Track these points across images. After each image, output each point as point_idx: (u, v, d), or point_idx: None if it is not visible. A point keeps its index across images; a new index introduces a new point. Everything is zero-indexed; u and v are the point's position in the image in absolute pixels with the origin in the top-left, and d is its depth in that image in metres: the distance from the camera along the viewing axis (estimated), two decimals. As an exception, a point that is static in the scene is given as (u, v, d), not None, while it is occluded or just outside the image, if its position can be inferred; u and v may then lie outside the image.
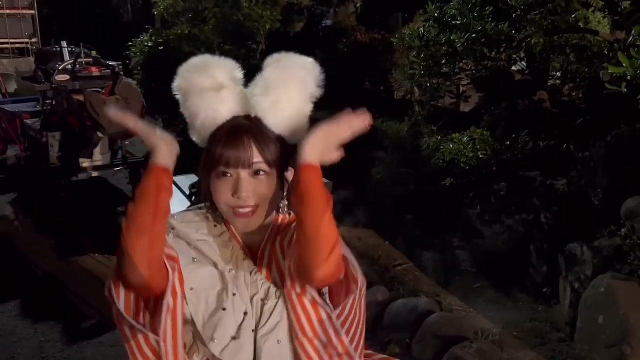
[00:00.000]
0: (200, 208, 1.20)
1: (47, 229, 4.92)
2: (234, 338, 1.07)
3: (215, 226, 1.16)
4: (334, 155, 1.03)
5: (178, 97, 1.12)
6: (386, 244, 4.48)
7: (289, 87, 1.08)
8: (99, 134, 5.02)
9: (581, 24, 3.84)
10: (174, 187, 1.07)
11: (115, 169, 5.43)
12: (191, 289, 1.08)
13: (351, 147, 1.05)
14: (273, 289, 1.12)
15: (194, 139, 1.15)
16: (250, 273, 1.13)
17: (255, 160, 1.06)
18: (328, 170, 1.11)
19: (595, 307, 2.88)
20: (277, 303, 1.10)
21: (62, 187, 5.01)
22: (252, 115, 1.10)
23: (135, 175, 5.50)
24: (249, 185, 1.07)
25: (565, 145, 3.70)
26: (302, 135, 1.05)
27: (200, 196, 1.18)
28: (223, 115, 1.10)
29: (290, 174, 1.13)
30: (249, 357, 1.08)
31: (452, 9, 3.96)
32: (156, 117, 7.52)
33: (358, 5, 8.62)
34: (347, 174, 4.63)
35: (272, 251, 1.15)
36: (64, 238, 4.71)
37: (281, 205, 1.14)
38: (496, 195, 3.95)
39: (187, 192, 4.23)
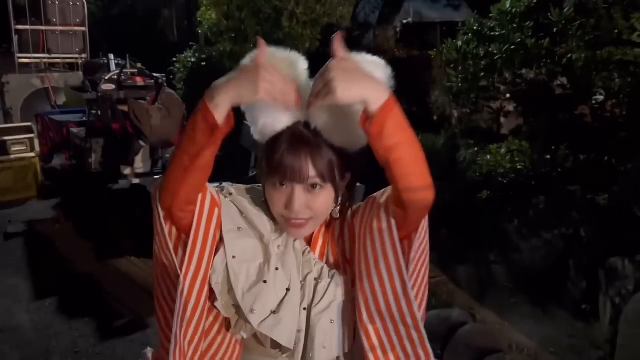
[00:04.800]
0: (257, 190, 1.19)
1: (87, 232, 5.04)
2: (273, 312, 1.07)
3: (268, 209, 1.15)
4: None
5: None
6: (419, 257, 4.42)
7: None
8: (141, 143, 5.17)
9: (626, 36, 3.76)
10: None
11: (155, 177, 5.54)
12: (233, 257, 1.08)
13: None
14: (326, 269, 1.12)
15: (255, 136, 1.10)
16: (303, 253, 1.14)
17: (310, 174, 1.04)
18: (363, 176, 1.13)
19: (637, 322, 2.75)
20: (330, 283, 1.10)
21: (103, 193, 5.14)
22: (312, 125, 1.04)
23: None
24: (302, 199, 1.05)
25: (606, 158, 3.60)
26: (361, 144, 1.04)
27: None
28: (283, 122, 1.04)
29: (345, 182, 1.11)
30: (288, 333, 1.07)
31: (492, 20, 3.95)
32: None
33: (398, 29, 8.66)
34: (382, 184, 4.60)
35: (325, 237, 1.17)
36: (102, 241, 4.82)
37: (332, 212, 1.14)
38: (535, 209, 3.84)
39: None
